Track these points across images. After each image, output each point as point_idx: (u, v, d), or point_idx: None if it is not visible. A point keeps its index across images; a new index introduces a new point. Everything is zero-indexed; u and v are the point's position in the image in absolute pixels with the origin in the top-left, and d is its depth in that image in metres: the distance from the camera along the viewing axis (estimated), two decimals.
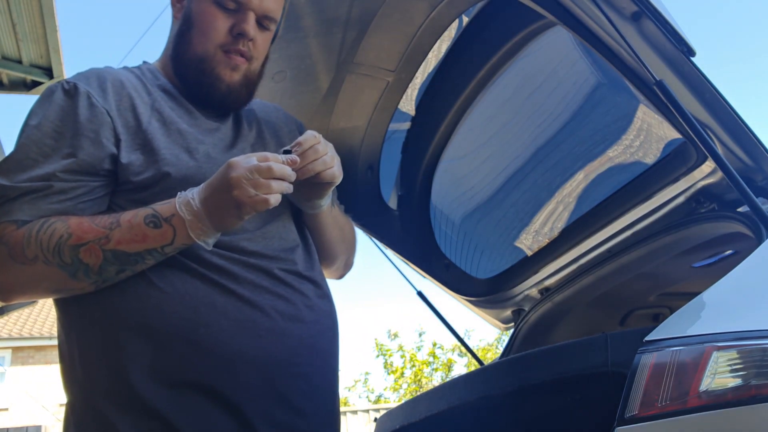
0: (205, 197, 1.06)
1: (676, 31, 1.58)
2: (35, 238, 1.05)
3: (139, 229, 1.06)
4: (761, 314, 1.22)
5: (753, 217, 1.65)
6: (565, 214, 2.48)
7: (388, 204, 2.77)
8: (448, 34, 2.22)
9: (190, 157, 1.17)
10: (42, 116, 1.13)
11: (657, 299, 2.54)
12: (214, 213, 1.06)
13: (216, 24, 1.22)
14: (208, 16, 1.22)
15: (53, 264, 1.05)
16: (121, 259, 1.06)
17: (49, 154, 1.10)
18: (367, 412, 10.25)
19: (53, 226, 1.06)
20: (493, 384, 1.58)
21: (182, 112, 1.23)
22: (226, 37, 1.22)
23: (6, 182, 1.08)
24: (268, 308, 1.14)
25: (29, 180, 1.08)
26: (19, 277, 1.07)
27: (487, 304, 2.84)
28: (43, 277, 1.07)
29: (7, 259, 1.06)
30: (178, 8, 1.28)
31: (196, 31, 1.23)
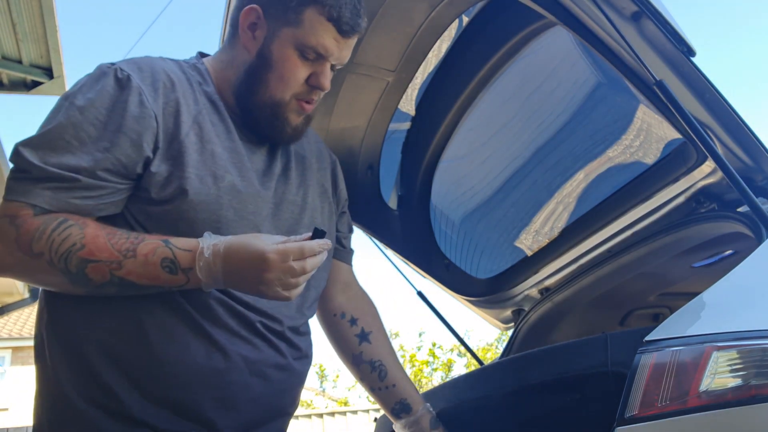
0: (229, 271, 1.05)
1: (676, 31, 1.58)
2: (48, 236, 1.02)
3: (153, 268, 1.04)
4: (761, 314, 1.22)
5: (753, 217, 1.65)
6: (565, 214, 2.48)
7: (388, 204, 2.77)
8: (448, 34, 2.22)
9: (213, 183, 1.14)
10: (88, 100, 1.08)
11: (657, 299, 2.54)
12: (233, 284, 1.07)
13: (297, 74, 1.20)
14: (290, 65, 1.20)
15: (56, 267, 1.03)
16: (125, 286, 1.05)
17: (86, 143, 1.06)
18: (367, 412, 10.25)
19: (69, 230, 1.03)
20: (493, 384, 1.58)
21: (221, 130, 1.20)
22: (302, 87, 1.22)
23: (35, 161, 1.04)
24: (237, 358, 1.13)
25: (59, 167, 1.04)
26: (17, 261, 1.04)
27: (487, 304, 2.84)
28: (41, 272, 1.05)
29: (12, 243, 1.03)
30: (249, 37, 1.23)
31: (275, 77, 1.20)
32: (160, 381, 1.09)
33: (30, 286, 6.22)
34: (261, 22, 1.21)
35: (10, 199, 1.04)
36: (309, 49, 1.20)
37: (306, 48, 1.19)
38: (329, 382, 15.74)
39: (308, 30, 1.18)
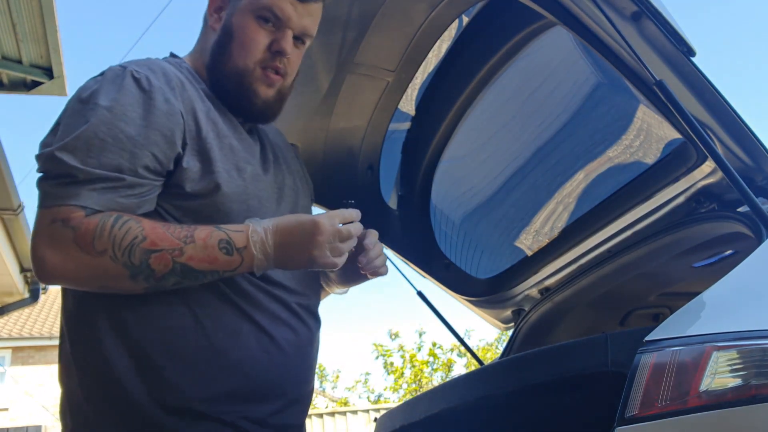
0: (281, 243, 1.11)
1: (676, 31, 1.58)
2: (109, 232, 1.04)
3: (212, 250, 1.08)
4: (761, 314, 1.22)
5: (753, 217, 1.65)
6: (565, 214, 2.48)
7: (388, 204, 2.77)
8: (448, 34, 2.22)
9: (238, 176, 1.19)
10: (113, 99, 1.09)
11: (657, 299, 2.54)
12: (282, 258, 1.12)
13: (256, 39, 1.24)
14: (248, 31, 1.24)
15: (119, 262, 1.05)
16: (186, 273, 1.08)
17: (122, 141, 1.08)
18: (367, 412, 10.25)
19: (128, 224, 1.05)
20: (493, 384, 1.58)
21: (229, 124, 1.25)
22: (264, 53, 1.25)
23: (76, 163, 1.05)
24: (282, 341, 1.20)
25: (101, 167, 1.06)
26: (78, 264, 1.05)
27: (487, 304, 2.83)
28: (102, 272, 1.06)
29: (71, 244, 1.04)
30: (215, 18, 1.29)
31: (236, 45, 1.24)
32: (221, 370, 1.12)
33: (30, 287, 6.22)
34: (225, 3, 1.28)
35: (58, 204, 1.05)
36: (265, 11, 1.23)
37: (262, 11, 1.23)
38: (329, 382, 15.76)
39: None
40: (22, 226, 5.09)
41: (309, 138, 2.23)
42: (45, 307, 18.87)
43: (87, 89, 1.13)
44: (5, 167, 4.40)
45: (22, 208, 4.92)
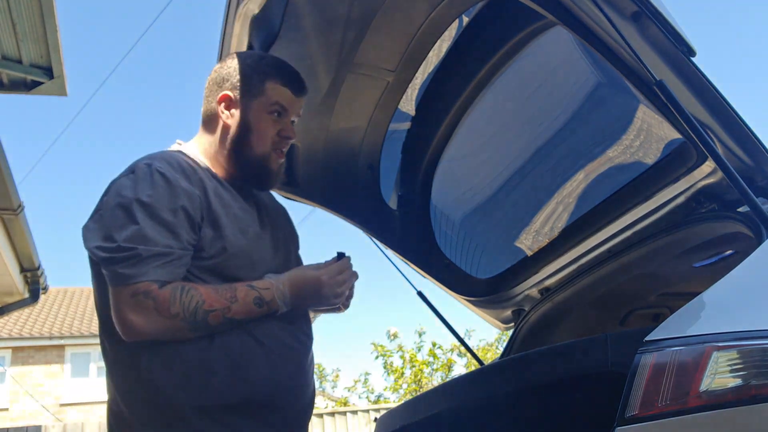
0: (295, 294, 1.50)
1: (676, 31, 1.58)
2: (179, 299, 1.37)
3: (249, 306, 1.43)
4: (761, 314, 1.22)
5: (753, 217, 1.65)
6: (565, 214, 2.48)
7: (388, 204, 2.77)
8: (448, 34, 2.22)
9: (243, 236, 1.49)
10: (150, 196, 1.40)
11: (657, 299, 2.54)
12: (297, 305, 1.51)
13: (270, 130, 1.58)
14: (263, 125, 1.57)
15: (186, 321, 1.37)
16: (231, 323, 1.42)
17: (168, 225, 1.39)
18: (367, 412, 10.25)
19: (191, 292, 1.39)
20: (493, 384, 1.58)
21: (230, 196, 1.54)
22: (276, 138, 1.59)
23: (142, 246, 1.36)
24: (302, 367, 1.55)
25: (158, 246, 1.38)
26: (157, 326, 1.36)
27: (487, 304, 2.83)
28: (173, 328, 1.38)
29: (152, 311, 1.35)
30: (228, 115, 1.58)
31: (255, 137, 1.56)
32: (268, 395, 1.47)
33: (30, 287, 6.22)
34: (234, 102, 1.58)
35: (136, 281, 1.36)
36: (275, 107, 1.57)
37: (272, 106, 1.57)
38: (329, 382, 15.74)
39: (271, 95, 1.58)
40: (22, 226, 5.08)
41: (309, 138, 2.24)
42: (45, 307, 18.86)
43: (126, 187, 1.43)
44: (5, 167, 4.40)
45: (22, 208, 4.92)
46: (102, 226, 1.41)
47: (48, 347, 17.32)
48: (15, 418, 16.25)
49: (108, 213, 1.41)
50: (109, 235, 1.39)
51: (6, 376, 16.77)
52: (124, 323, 1.37)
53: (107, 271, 1.38)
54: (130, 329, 1.37)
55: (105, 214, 1.42)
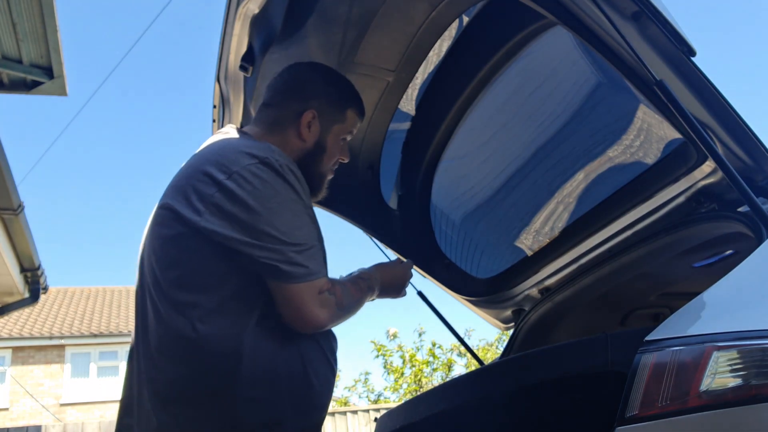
0: (384, 286, 1.74)
1: (676, 31, 1.58)
2: (345, 293, 1.53)
3: (366, 293, 1.65)
4: (761, 314, 1.22)
5: (753, 217, 1.65)
6: (565, 214, 2.48)
7: (388, 204, 2.77)
8: (448, 34, 2.22)
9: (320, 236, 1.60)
10: (298, 193, 1.48)
11: (657, 299, 2.54)
12: (381, 294, 1.75)
13: (336, 155, 1.73)
14: (336, 149, 1.71)
15: (348, 310, 1.54)
16: (359, 308, 1.62)
17: (309, 223, 1.49)
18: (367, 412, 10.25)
19: (346, 287, 1.55)
20: (493, 384, 1.58)
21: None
22: (337, 161, 1.75)
23: (311, 241, 1.47)
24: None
25: (318, 240, 1.50)
26: (334, 317, 1.49)
27: (487, 304, 2.83)
28: (339, 318, 1.52)
29: (334, 307, 1.48)
30: (306, 130, 1.65)
31: (326, 157, 1.70)
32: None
33: (30, 287, 6.23)
34: (315, 120, 1.66)
35: (318, 277, 1.45)
36: (348, 135, 1.73)
37: (348, 134, 1.73)
38: None
39: (349, 123, 1.73)
40: (22, 226, 5.08)
41: None
42: (45, 307, 18.86)
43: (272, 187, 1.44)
44: (5, 167, 4.40)
45: (22, 208, 4.92)
46: (250, 215, 1.40)
47: (48, 347, 17.32)
48: (15, 418, 16.25)
49: (268, 207, 1.43)
50: (247, 219, 1.40)
51: (6, 376, 16.77)
52: (310, 317, 1.44)
53: (285, 267, 1.41)
54: (315, 323, 1.45)
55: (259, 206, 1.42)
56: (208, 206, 1.40)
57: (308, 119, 1.64)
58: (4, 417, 16.21)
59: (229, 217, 1.39)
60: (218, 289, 1.39)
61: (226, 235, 1.38)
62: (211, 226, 1.38)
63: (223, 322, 1.37)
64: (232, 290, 1.41)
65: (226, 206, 1.39)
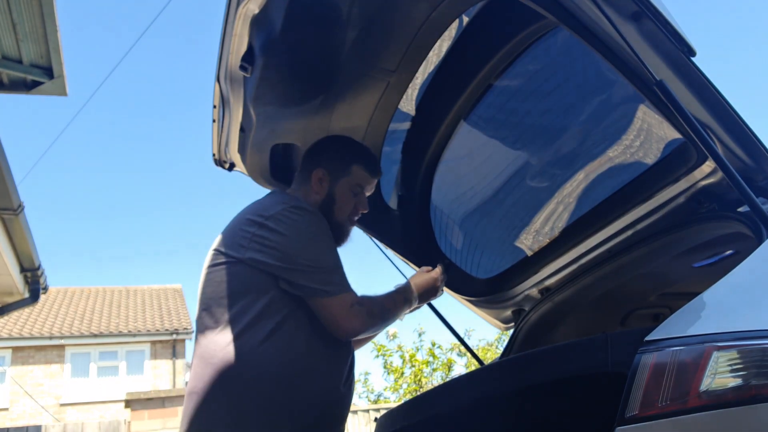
0: (421, 294, 2.00)
1: (676, 31, 1.58)
2: (375, 304, 1.82)
3: (403, 304, 1.93)
4: (761, 314, 1.22)
5: (753, 217, 1.65)
6: (566, 214, 2.48)
7: (388, 204, 2.77)
8: (449, 34, 2.22)
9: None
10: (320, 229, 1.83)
11: (657, 299, 2.54)
12: (421, 301, 2.02)
13: (349, 204, 2.00)
14: (346, 199, 1.99)
15: (379, 321, 1.83)
16: (395, 319, 1.91)
17: (332, 252, 1.85)
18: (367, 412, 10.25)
19: (374, 299, 1.84)
20: (493, 384, 1.58)
21: None
22: (352, 211, 2.01)
23: (335, 264, 1.82)
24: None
25: (339, 264, 1.83)
26: (366, 326, 1.79)
27: (487, 304, 2.83)
28: (373, 327, 1.83)
29: (364, 316, 1.78)
30: (318, 185, 1.98)
31: (338, 208, 1.98)
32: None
33: (30, 287, 6.23)
34: (325, 176, 1.98)
35: (346, 291, 1.77)
36: (357, 187, 2.00)
37: (355, 187, 2.00)
38: None
39: (355, 177, 2.00)
40: (22, 226, 5.08)
41: (309, 138, 2.23)
42: (45, 307, 18.86)
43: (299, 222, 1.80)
44: (5, 167, 4.40)
45: (22, 208, 4.92)
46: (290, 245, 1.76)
47: (48, 347, 17.32)
48: (15, 418, 16.25)
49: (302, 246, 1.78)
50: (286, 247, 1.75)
51: (6, 376, 16.77)
52: (347, 328, 1.76)
53: (316, 285, 1.73)
54: (351, 332, 1.77)
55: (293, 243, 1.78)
56: (251, 242, 1.75)
57: (319, 176, 1.98)
58: (4, 417, 16.21)
59: (270, 248, 1.73)
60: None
61: (267, 263, 1.72)
62: (254, 255, 1.73)
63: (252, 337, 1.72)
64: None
65: (267, 240, 1.74)
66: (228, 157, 2.47)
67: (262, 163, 2.41)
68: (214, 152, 2.47)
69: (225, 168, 2.52)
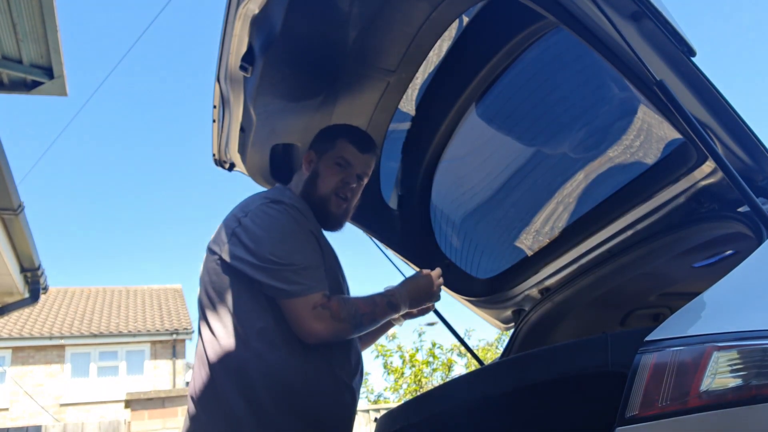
0: (412, 297, 1.89)
1: (676, 31, 1.58)
2: (342, 307, 1.70)
3: (386, 309, 1.80)
4: (761, 314, 1.22)
5: (753, 217, 1.65)
6: (565, 214, 2.48)
7: (388, 204, 2.77)
8: (449, 34, 2.22)
9: (334, 262, 1.90)
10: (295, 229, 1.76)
11: (657, 299, 2.54)
12: (412, 305, 1.90)
13: (333, 177, 1.92)
14: (329, 171, 1.92)
15: (350, 324, 1.70)
16: (376, 323, 1.79)
17: (309, 249, 1.75)
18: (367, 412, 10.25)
19: (349, 301, 1.74)
20: (493, 384, 1.57)
21: (322, 233, 1.89)
22: (337, 185, 1.92)
23: (304, 263, 1.69)
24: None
25: (315, 262, 1.73)
26: (331, 330, 1.67)
27: (487, 304, 2.83)
28: (342, 331, 1.70)
29: (329, 320, 1.67)
30: (306, 166, 1.97)
31: (321, 180, 1.92)
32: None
33: (30, 287, 6.23)
34: (313, 156, 1.98)
35: (311, 292, 1.67)
36: (341, 159, 1.93)
37: (339, 159, 1.93)
38: None
39: (338, 149, 1.94)
40: (22, 226, 5.08)
41: (309, 138, 2.23)
42: (45, 307, 18.86)
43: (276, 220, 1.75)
44: (5, 167, 4.40)
45: (22, 208, 4.92)
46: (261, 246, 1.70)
47: (48, 347, 17.32)
48: (15, 418, 16.25)
49: (271, 241, 1.71)
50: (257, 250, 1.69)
51: (6, 376, 16.76)
52: (306, 330, 1.66)
53: (279, 284, 1.66)
54: (312, 335, 1.66)
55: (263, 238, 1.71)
56: (231, 238, 1.73)
57: (309, 158, 1.98)
58: (4, 417, 16.21)
59: (243, 244, 1.70)
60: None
61: (241, 258, 1.69)
62: (232, 251, 1.70)
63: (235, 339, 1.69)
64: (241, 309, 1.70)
65: (242, 236, 1.71)
66: (228, 157, 2.47)
67: (262, 163, 2.41)
68: (214, 152, 2.47)
69: (225, 168, 2.52)
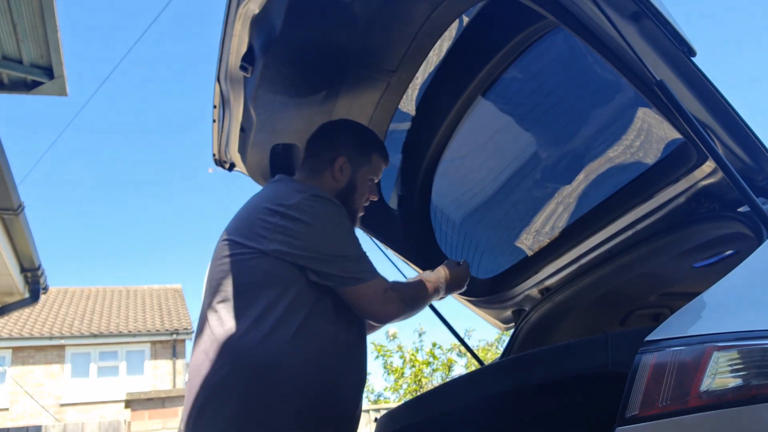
0: (448, 287, 2.01)
1: (676, 31, 1.58)
2: (407, 290, 1.87)
3: (432, 293, 1.94)
4: (761, 314, 1.22)
5: (753, 217, 1.65)
6: (566, 214, 2.48)
7: (388, 204, 2.77)
8: (449, 34, 2.22)
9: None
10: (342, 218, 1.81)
11: (657, 299, 2.54)
12: (448, 291, 2.03)
13: (366, 192, 2.01)
14: (363, 188, 2.00)
15: (409, 305, 1.85)
16: (423, 307, 1.93)
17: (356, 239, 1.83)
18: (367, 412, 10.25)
19: (409, 285, 1.91)
20: (494, 384, 1.58)
21: None
22: (368, 199, 2.04)
23: (361, 252, 1.80)
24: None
25: (363, 251, 1.81)
26: (400, 311, 1.82)
27: (487, 304, 2.83)
28: (405, 312, 1.84)
29: (398, 301, 1.81)
30: (338, 172, 1.96)
31: (357, 195, 1.99)
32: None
33: (30, 287, 6.23)
34: (346, 164, 1.97)
35: (376, 278, 1.77)
36: (375, 176, 2.03)
37: (374, 176, 2.03)
38: None
39: (375, 166, 2.02)
40: (22, 226, 5.08)
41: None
42: (45, 307, 18.86)
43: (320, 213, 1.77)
44: (5, 167, 4.40)
45: (22, 208, 4.92)
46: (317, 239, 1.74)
47: (48, 347, 17.32)
48: (15, 418, 16.25)
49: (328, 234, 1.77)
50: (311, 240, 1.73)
51: (6, 376, 16.77)
52: (381, 312, 1.80)
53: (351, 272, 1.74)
54: (386, 317, 1.81)
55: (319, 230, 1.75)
56: (273, 233, 1.70)
57: (340, 164, 1.95)
58: (4, 417, 16.21)
59: (295, 238, 1.69)
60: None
61: (294, 254, 1.68)
62: (279, 247, 1.68)
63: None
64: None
65: (291, 231, 1.70)
66: (228, 157, 2.47)
67: (262, 163, 2.41)
68: (215, 152, 2.47)
69: (225, 168, 2.52)
